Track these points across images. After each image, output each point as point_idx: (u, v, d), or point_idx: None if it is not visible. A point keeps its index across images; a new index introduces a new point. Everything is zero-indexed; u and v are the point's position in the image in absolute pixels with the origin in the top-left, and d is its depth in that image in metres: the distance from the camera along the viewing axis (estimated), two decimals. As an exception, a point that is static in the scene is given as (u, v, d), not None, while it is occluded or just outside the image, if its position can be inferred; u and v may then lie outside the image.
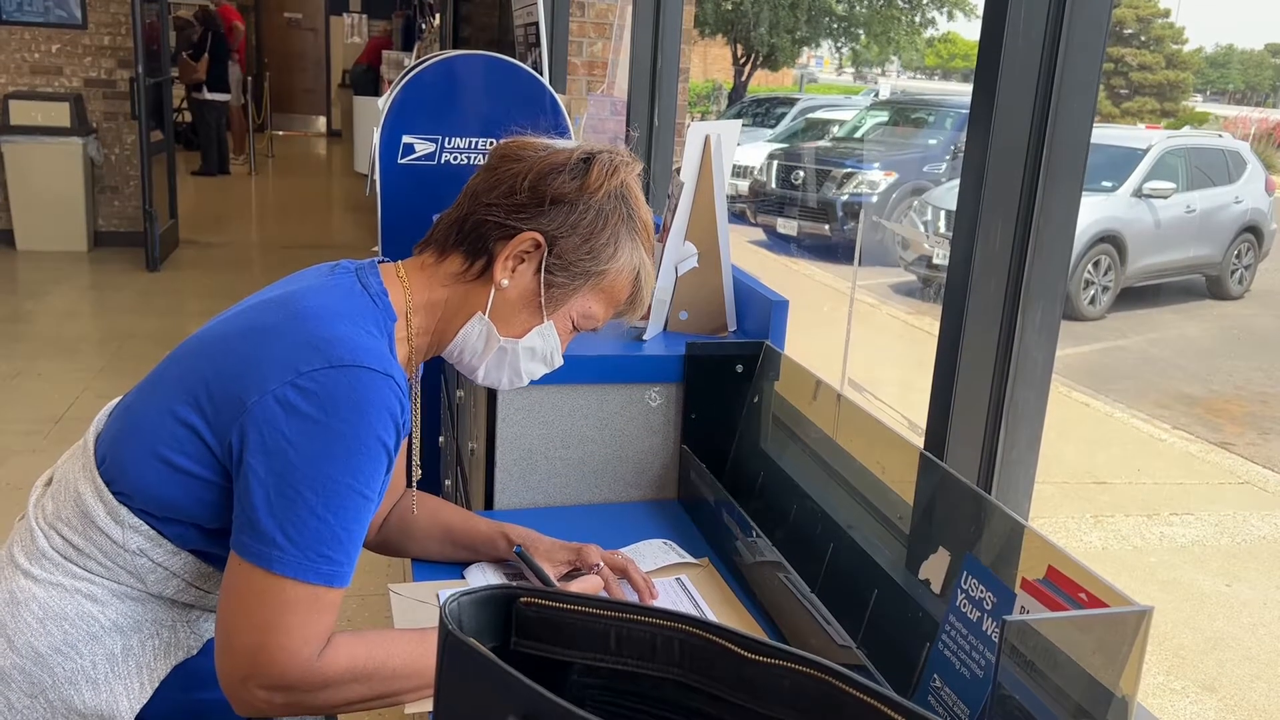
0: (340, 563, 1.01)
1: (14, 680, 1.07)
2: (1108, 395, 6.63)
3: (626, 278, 1.23)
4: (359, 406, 1.00)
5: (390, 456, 1.05)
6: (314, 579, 1.00)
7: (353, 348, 1.03)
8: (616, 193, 1.19)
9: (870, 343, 6.66)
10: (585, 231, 1.17)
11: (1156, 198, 8.88)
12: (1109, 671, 0.84)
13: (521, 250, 1.16)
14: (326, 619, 1.02)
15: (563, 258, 1.18)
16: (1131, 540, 4.51)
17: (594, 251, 1.18)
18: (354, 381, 1.00)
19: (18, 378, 4.68)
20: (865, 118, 12.85)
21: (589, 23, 4.75)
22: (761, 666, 0.71)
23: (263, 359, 1.02)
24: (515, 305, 1.19)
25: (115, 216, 7.23)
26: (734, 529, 1.49)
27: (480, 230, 1.17)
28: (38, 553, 1.09)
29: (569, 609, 0.75)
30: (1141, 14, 24.93)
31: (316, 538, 0.99)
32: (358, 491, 1.01)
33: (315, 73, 15.13)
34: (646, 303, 1.29)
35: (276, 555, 0.99)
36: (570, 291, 1.20)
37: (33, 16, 6.79)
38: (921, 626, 1.12)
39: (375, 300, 1.12)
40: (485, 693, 0.68)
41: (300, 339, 1.03)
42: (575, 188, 1.17)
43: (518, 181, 1.16)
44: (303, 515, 0.99)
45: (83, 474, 1.11)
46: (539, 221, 1.16)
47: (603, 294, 1.23)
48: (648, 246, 1.24)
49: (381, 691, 1.05)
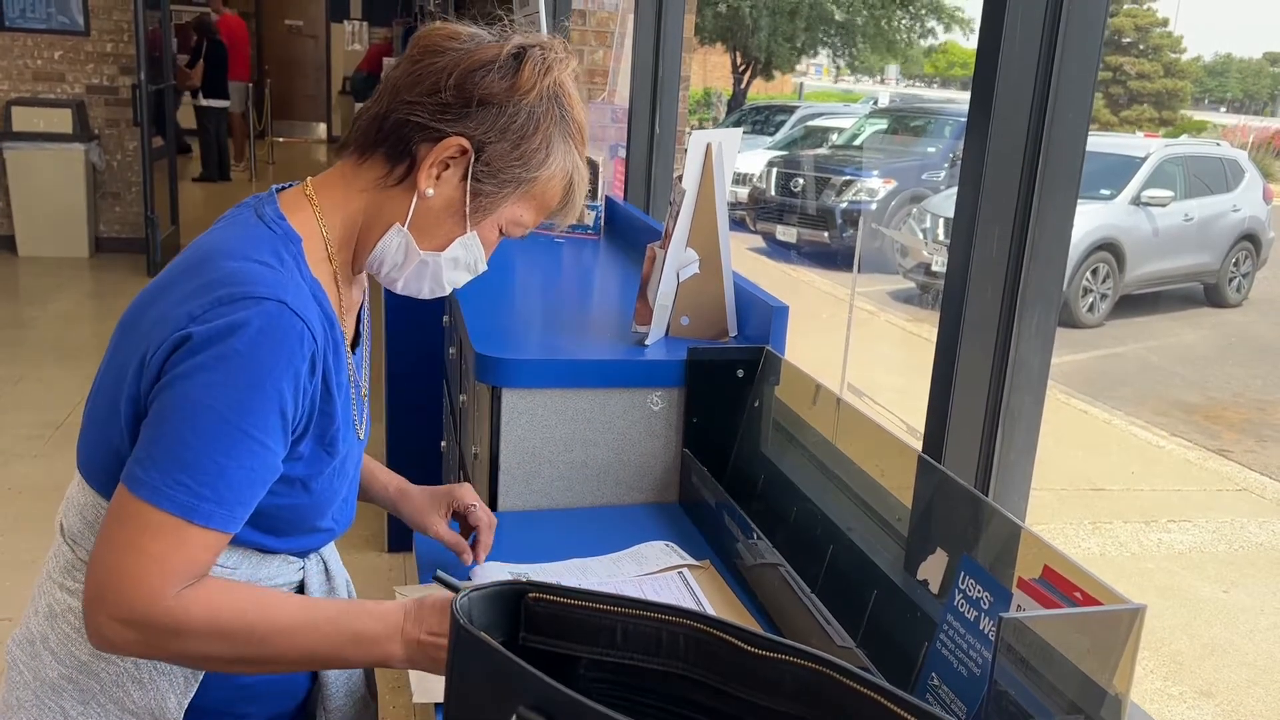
0: (204, 497, 0.95)
1: (65, 690, 1.07)
2: (1106, 402, 6.65)
3: (559, 183, 1.14)
4: (251, 339, 0.95)
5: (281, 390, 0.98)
6: (169, 507, 0.94)
7: (240, 280, 0.98)
8: (549, 93, 1.10)
9: (869, 349, 6.68)
10: (515, 136, 1.09)
11: (1155, 206, 8.90)
12: (1103, 669, 0.86)
13: (447, 156, 1.08)
14: (190, 556, 0.96)
15: (491, 164, 1.09)
16: (1129, 547, 4.53)
17: (524, 157, 1.10)
18: (245, 313, 0.96)
19: (20, 383, 4.70)
20: (864, 125, 12.89)
21: (590, 30, 4.78)
22: (764, 661, 0.73)
23: (164, 317, 0.99)
24: (438, 214, 1.11)
25: (117, 222, 7.25)
26: (735, 531, 1.51)
27: (402, 131, 1.08)
28: (69, 565, 1.10)
29: (576, 604, 0.77)
30: (1140, 23, 25.00)
31: (176, 463, 0.94)
32: (241, 429, 0.95)
33: (316, 79, 15.17)
34: (579, 207, 1.20)
35: (138, 475, 0.95)
36: (498, 199, 1.12)
37: (36, 23, 6.82)
38: (920, 626, 1.14)
39: (271, 227, 1.06)
40: (495, 685, 0.69)
41: (192, 286, 0.99)
42: (505, 88, 1.07)
43: (442, 78, 1.07)
44: (167, 440, 0.95)
45: (77, 484, 1.11)
46: (465, 125, 1.07)
47: (533, 200, 1.14)
48: (581, 149, 1.15)
49: (244, 655, 0.99)
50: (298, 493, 1.07)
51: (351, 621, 1.02)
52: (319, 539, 1.17)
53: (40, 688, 1.08)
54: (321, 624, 1.01)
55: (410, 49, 1.11)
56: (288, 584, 1.14)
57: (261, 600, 1.01)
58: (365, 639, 1.02)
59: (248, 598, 1.01)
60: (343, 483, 1.14)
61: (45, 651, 1.09)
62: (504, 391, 1.66)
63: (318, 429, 1.06)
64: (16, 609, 2.93)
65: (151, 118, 6.59)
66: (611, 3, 4.48)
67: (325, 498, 1.11)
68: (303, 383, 1.00)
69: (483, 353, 1.67)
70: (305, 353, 0.99)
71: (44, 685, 1.08)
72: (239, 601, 0.99)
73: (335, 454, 1.09)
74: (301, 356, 0.99)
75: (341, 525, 1.19)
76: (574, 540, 1.54)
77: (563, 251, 2.71)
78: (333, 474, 1.11)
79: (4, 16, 6.75)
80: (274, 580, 1.12)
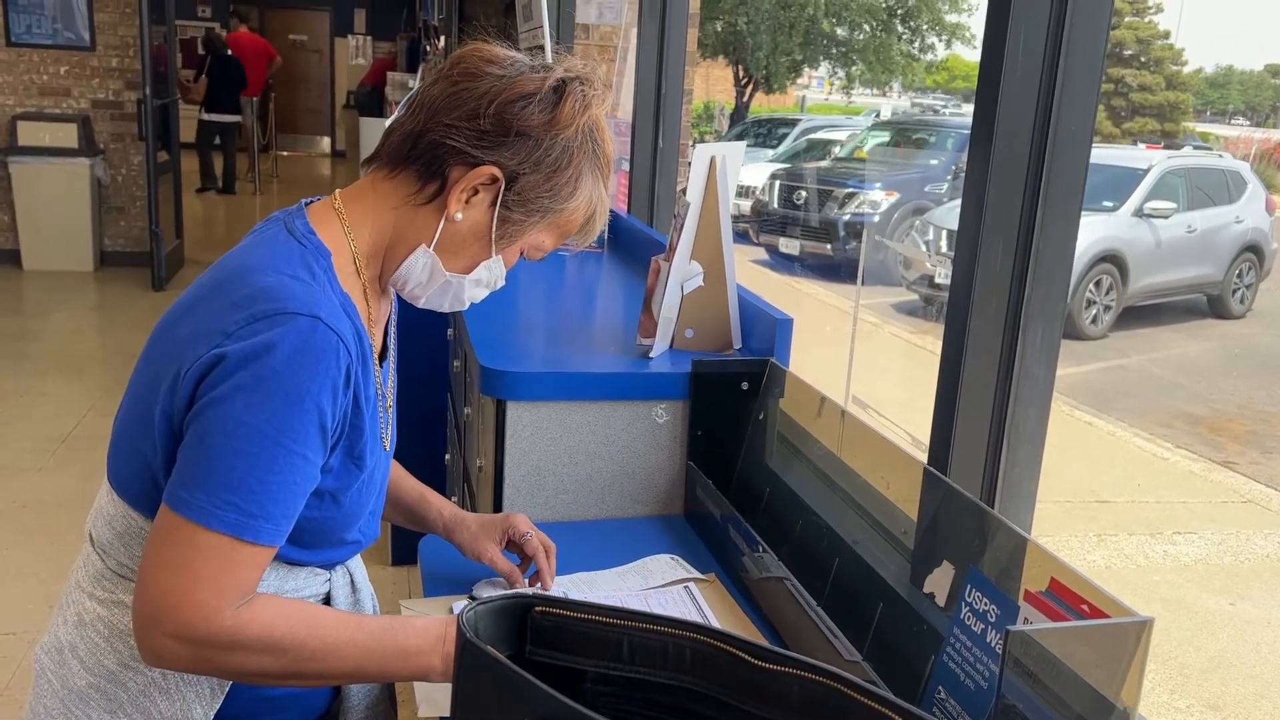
0: (252, 514, 0.96)
1: (92, 699, 1.08)
2: (1110, 414, 6.64)
3: (583, 213, 1.16)
4: (287, 355, 0.96)
5: (323, 412, 0.99)
6: (220, 527, 0.95)
7: (274, 296, 0.98)
8: (586, 129, 1.11)
9: (873, 361, 6.68)
10: (549, 169, 1.10)
11: (1157, 217, 8.92)
12: (1110, 682, 0.86)
13: (479, 183, 1.09)
14: (242, 574, 0.97)
15: (522, 194, 1.10)
16: (1135, 559, 4.52)
17: (555, 189, 1.11)
18: (280, 329, 0.96)
19: (24, 397, 4.71)
20: (866, 138, 12.92)
21: (593, 45, 4.80)
22: (771, 674, 0.73)
23: (196, 333, 1.00)
24: (465, 238, 1.12)
25: (121, 236, 7.27)
26: (740, 544, 1.51)
27: (437, 152, 1.08)
28: (97, 575, 1.10)
29: (583, 618, 0.77)
30: (1141, 35, 25.07)
31: (222, 484, 0.95)
32: (281, 444, 0.96)
33: (319, 94, 15.25)
34: (597, 233, 1.21)
35: (184, 497, 0.96)
36: (525, 227, 1.13)
37: (41, 39, 6.86)
38: (926, 639, 1.14)
39: (302, 241, 1.06)
40: (501, 699, 0.69)
41: (225, 302, 1.00)
42: (545, 121, 1.08)
43: (482, 105, 1.07)
44: (211, 461, 0.95)
45: (106, 494, 1.12)
46: (501, 154, 1.08)
47: (557, 228, 1.16)
48: (607, 181, 1.18)
49: (295, 670, 1.01)
50: (327, 506, 1.08)
51: (395, 637, 1.05)
52: (346, 551, 1.18)
53: (68, 696, 1.09)
54: (367, 640, 1.04)
55: (449, 69, 1.12)
56: (314, 595, 1.15)
57: (312, 617, 1.03)
58: (409, 653, 1.04)
59: (299, 615, 1.02)
60: (370, 495, 1.15)
61: (74, 660, 1.09)
62: (508, 404, 1.66)
63: (347, 442, 1.07)
64: (20, 622, 2.93)
65: (156, 132, 6.62)
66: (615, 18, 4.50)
67: (354, 511, 1.12)
68: (339, 395, 1.01)
69: (487, 366, 1.68)
70: (341, 366, 1.00)
71: (71, 694, 1.09)
72: (291, 618, 1.01)
73: (364, 467, 1.10)
74: (338, 370, 1.00)
75: (368, 539, 1.20)
76: (579, 553, 1.54)
77: (567, 265, 2.72)
78: (361, 487, 1.11)
79: (10, 32, 6.78)
80: (301, 592, 1.13)
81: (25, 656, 2.76)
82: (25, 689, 2.60)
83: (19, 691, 2.63)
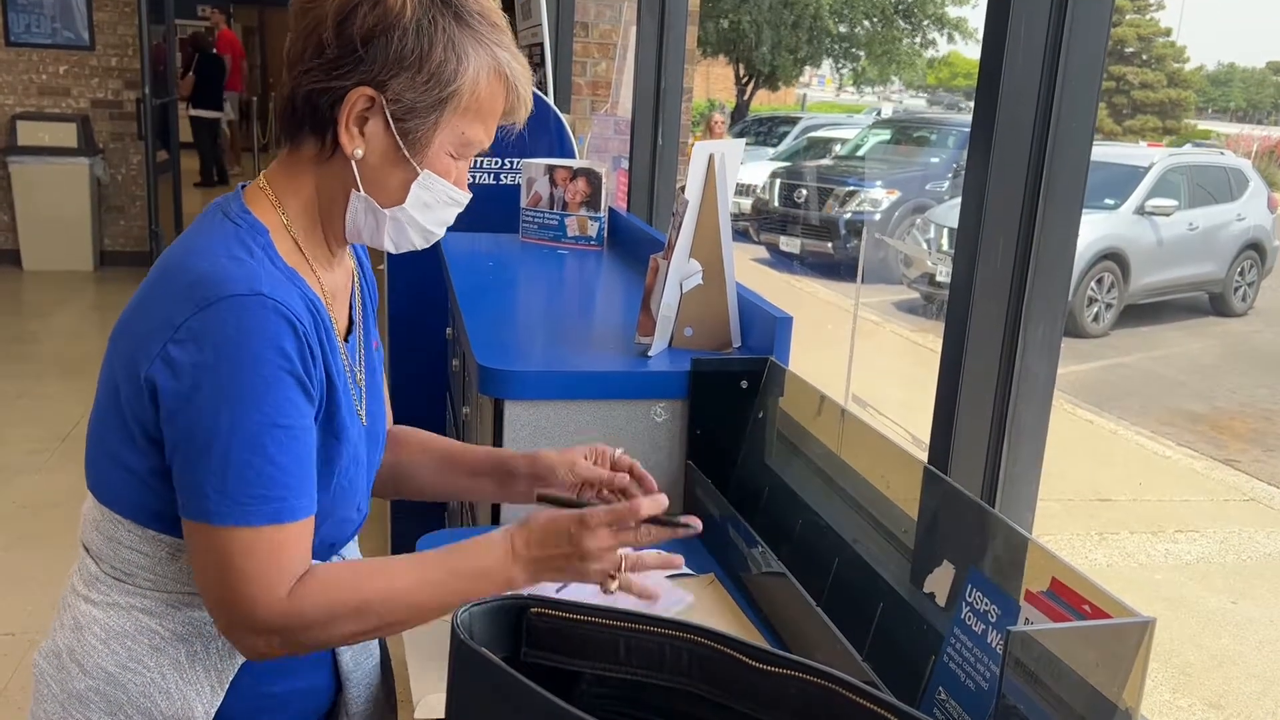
0: (280, 498, 0.98)
1: (92, 702, 1.08)
2: (1112, 412, 6.64)
3: (488, 83, 1.07)
4: (237, 339, 0.96)
5: (295, 373, 0.99)
6: (256, 521, 0.97)
7: (215, 281, 0.97)
8: (424, 2, 1.03)
9: (873, 360, 6.67)
10: (414, 59, 1.03)
11: (1159, 215, 8.91)
12: (1112, 683, 0.85)
13: (359, 110, 1.04)
14: (288, 555, 0.99)
15: (403, 98, 1.03)
16: (1137, 557, 4.51)
17: (434, 75, 1.04)
18: (225, 314, 0.96)
19: (23, 398, 4.71)
20: (867, 136, 12.91)
21: (593, 43, 4.80)
22: (769, 676, 0.72)
23: (149, 329, 0.99)
24: (381, 168, 1.07)
25: (121, 236, 7.27)
26: (739, 543, 1.50)
27: (312, 102, 1.04)
28: (92, 578, 1.10)
29: (579, 619, 0.76)
30: (1143, 33, 25.06)
31: (243, 482, 0.96)
32: (270, 423, 0.97)
33: (320, 93, 15.24)
34: (528, 99, 1.12)
35: (211, 509, 0.96)
36: (431, 128, 1.06)
37: (41, 38, 6.85)
38: (926, 639, 1.13)
39: (237, 222, 1.05)
40: (497, 702, 0.69)
41: (169, 292, 1.00)
42: (378, 16, 1.01)
43: (322, 35, 1.02)
44: (221, 465, 0.96)
45: (90, 499, 1.12)
46: (360, 72, 1.02)
47: (469, 112, 1.08)
48: (496, 37, 1.08)
49: (383, 624, 1.04)
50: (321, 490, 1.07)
51: (466, 562, 1.06)
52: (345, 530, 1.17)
53: (67, 700, 1.09)
54: (440, 575, 1.05)
55: (291, 16, 1.08)
56: None
57: (374, 572, 1.05)
58: (489, 573, 1.04)
59: (359, 574, 1.05)
60: (359, 472, 1.15)
61: (72, 664, 1.09)
62: (506, 404, 1.66)
63: (325, 416, 1.06)
64: (20, 623, 2.92)
65: (156, 131, 6.62)
66: (614, 16, 4.49)
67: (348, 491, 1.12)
68: (306, 354, 1.00)
69: (485, 365, 1.67)
70: (294, 329, 0.99)
71: (71, 698, 1.09)
72: (349, 581, 1.03)
73: (345, 439, 1.09)
74: (292, 331, 0.99)
75: (363, 515, 1.20)
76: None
77: (565, 263, 2.71)
78: (350, 463, 1.11)
79: (9, 32, 6.78)
80: None
81: (25, 657, 2.76)
82: (24, 690, 2.60)
83: (18, 692, 2.63)
